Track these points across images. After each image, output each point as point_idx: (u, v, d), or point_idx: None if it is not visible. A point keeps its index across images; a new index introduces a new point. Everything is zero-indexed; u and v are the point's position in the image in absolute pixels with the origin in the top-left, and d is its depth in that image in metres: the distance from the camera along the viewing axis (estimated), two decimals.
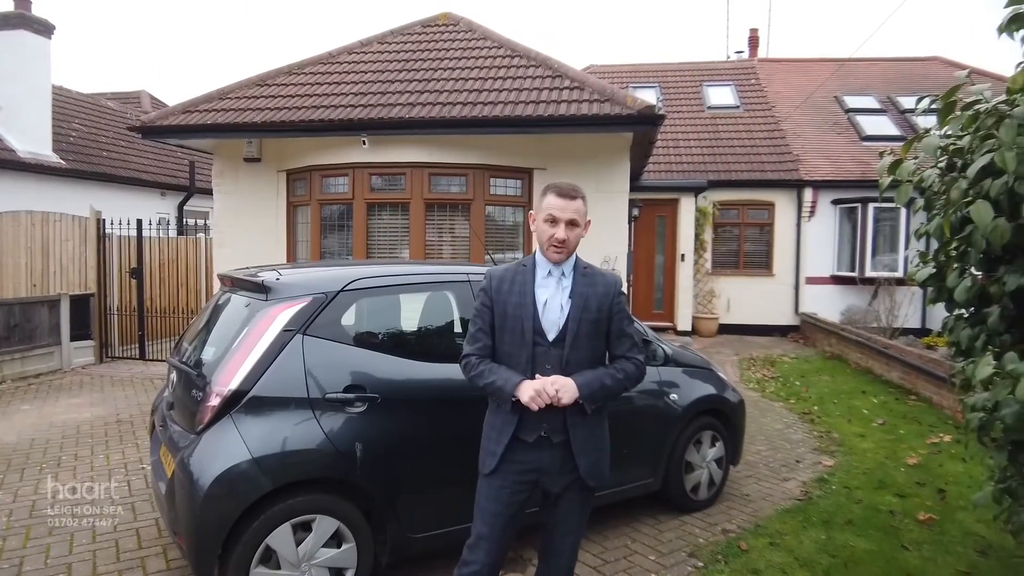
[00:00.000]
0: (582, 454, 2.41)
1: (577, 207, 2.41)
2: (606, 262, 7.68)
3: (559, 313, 2.41)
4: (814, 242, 12.89)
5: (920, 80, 15.31)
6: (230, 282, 3.52)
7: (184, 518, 2.77)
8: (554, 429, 2.39)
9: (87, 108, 13.73)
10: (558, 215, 2.39)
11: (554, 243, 2.38)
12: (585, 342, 2.40)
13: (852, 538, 3.94)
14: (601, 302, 2.43)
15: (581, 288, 2.43)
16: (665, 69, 17.03)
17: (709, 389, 4.44)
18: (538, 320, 2.40)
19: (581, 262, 2.52)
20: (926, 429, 6.29)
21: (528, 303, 2.41)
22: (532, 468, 2.42)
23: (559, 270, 2.45)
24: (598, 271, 2.53)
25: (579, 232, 2.44)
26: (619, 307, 2.48)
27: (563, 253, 2.41)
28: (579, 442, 2.41)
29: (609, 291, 2.46)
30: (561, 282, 2.45)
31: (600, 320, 2.43)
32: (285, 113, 7.52)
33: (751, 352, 10.98)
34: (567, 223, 2.38)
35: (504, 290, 2.46)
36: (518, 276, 2.48)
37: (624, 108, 6.96)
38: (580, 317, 2.40)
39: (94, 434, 5.89)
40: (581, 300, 2.41)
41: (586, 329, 2.40)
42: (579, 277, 2.46)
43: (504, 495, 2.42)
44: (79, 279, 9.26)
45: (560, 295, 2.43)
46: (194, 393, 2.99)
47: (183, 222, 13.78)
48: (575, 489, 2.46)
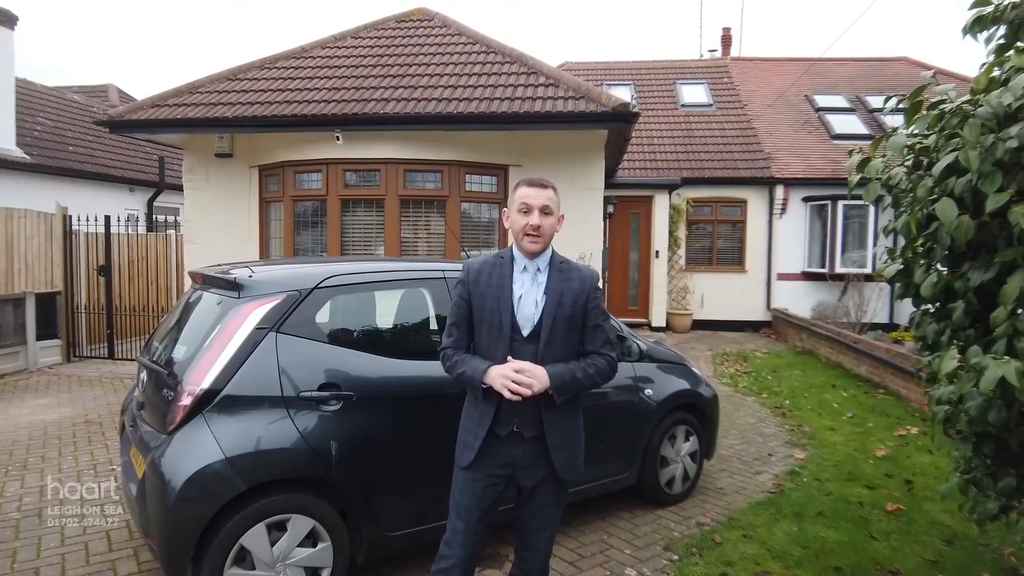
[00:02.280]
0: (557, 449, 2.41)
1: (549, 195, 2.43)
2: (581, 258, 7.71)
3: (533, 309, 2.41)
4: (785, 239, 13.08)
5: (888, 80, 15.60)
6: (201, 279, 3.47)
7: (156, 520, 2.73)
8: (526, 424, 2.40)
9: (52, 102, 13.39)
10: (531, 202, 2.40)
11: (529, 231, 2.38)
12: (560, 338, 2.40)
13: (823, 529, 4.01)
14: (576, 298, 2.42)
15: (556, 284, 2.42)
16: (639, 67, 17.13)
17: (683, 384, 4.48)
18: (515, 315, 2.40)
19: (557, 257, 2.51)
20: (894, 422, 6.43)
21: (506, 297, 2.40)
22: (506, 463, 2.42)
23: (534, 265, 2.45)
24: (574, 266, 2.52)
25: (553, 221, 2.44)
26: (594, 303, 2.46)
27: (538, 242, 2.40)
28: (554, 437, 2.41)
29: (585, 286, 2.45)
30: (536, 277, 2.44)
31: (575, 316, 2.42)
32: (257, 108, 7.41)
33: (724, 347, 11.12)
34: (540, 210, 2.39)
35: (482, 283, 2.45)
36: (496, 269, 2.47)
37: (599, 105, 6.98)
38: (555, 313, 2.39)
39: (62, 435, 5.76)
40: (556, 296, 2.40)
41: (561, 325, 2.39)
42: (555, 272, 2.45)
43: (478, 488, 2.43)
44: (45, 277, 9.04)
45: (535, 290, 2.42)
46: (165, 392, 2.94)
47: (153, 219, 13.52)
48: (549, 483, 2.47)
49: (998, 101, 2.12)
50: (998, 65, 2.33)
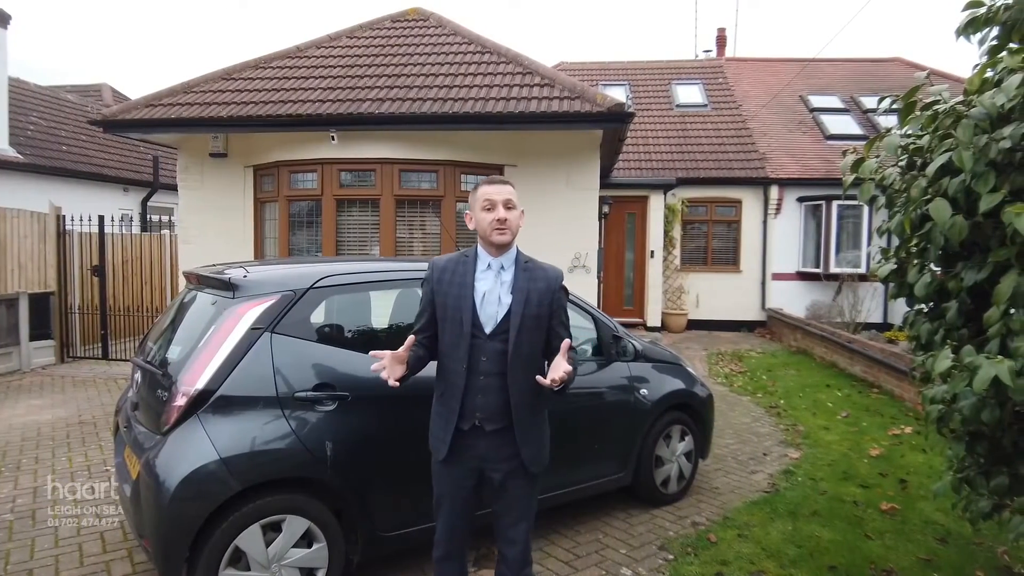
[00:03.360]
0: (525, 443, 2.46)
1: (510, 190, 2.48)
2: (577, 258, 7.72)
3: (496, 307, 2.44)
4: (780, 239, 13.11)
5: (882, 81, 15.65)
6: (196, 280, 3.46)
7: (150, 520, 2.72)
8: (487, 418, 2.44)
9: (46, 101, 13.33)
10: (494, 198, 2.44)
11: (496, 225, 2.43)
12: (526, 336, 2.43)
13: (818, 528, 4.03)
14: (542, 297, 2.46)
15: (523, 283, 2.46)
16: (634, 67, 17.15)
17: (679, 384, 4.49)
18: (476, 313, 2.43)
19: (522, 256, 2.55)
20: (888, 421, 6.46)
21: (467, 295, 2.44)
22: (474, 455, 2.48)
23: (498, 263, 2.49)
24: (539, 265, 2.56)
25: (517, 215, 2.49)
26: (559, 302, 2.51)
27: (506, 234, 2.44)
28: (522, 431, 2.45)
29: (550, 286, 2.49)
30: (500, 275, 2.48)
31: (541, 315, 2.46)
32: (252, 107, 7.39)
33: (719, 347, 11.14)
34: (504, 204, 2.44)
35: (445, 280, 2.50)
36: (459, 267, 2.51)
37: (594, 105, 6.99)
38: (523, 312, 2.42)
39: (56, 436, 5.73)
40: (522, 296, 2.44)
41: (528, 324, 2.43)
42: (520, 272, 2.49)
43: (453, 479, 2.51)
44: (38, 277, 9.00)
45: (499, 288, 2.46)
46: (159, 393, 2.94)
47: (147, 218, 13.47)
48: (518, 476, 2.49)
49: (991, 102, 2.12)
50: (991, 66, 2.34)
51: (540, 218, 7.69)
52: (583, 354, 4.16)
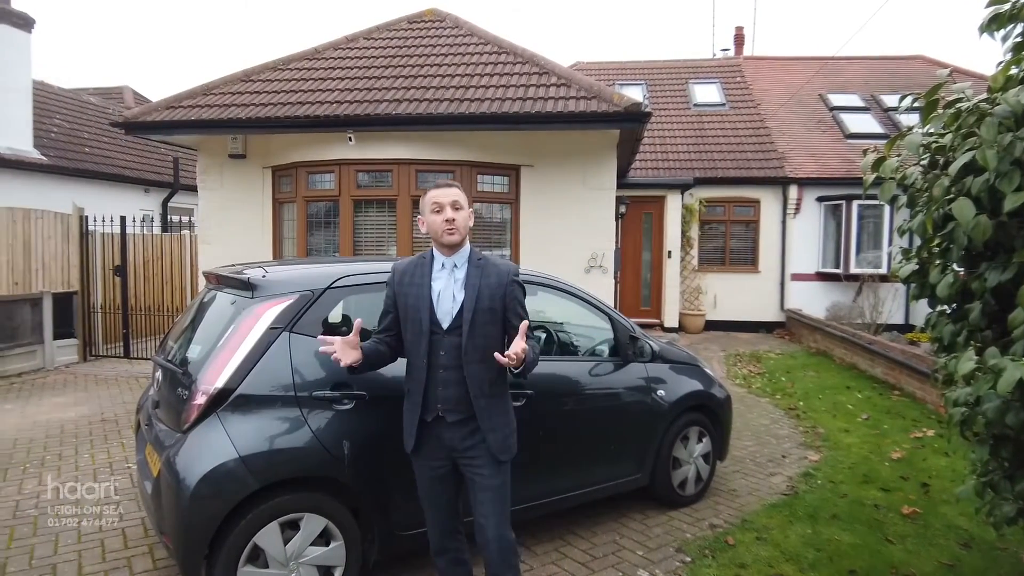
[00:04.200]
0: (490, 431, 2.57)
1: (456, 192, 2.62)
2: (593, 258, 7.70)
3: (451, 303, 2.58)
4: (799, 239, 12.99)
5: (903, 78, 15.46)
6: (216, 279, 3.50)
7: (170, 517, 2.75)
8: (448, 409, 2.57)
9: (69, 103, 13.54)
10: (442, 200, 2.58)
11: (446, 226, 2.57)
12: (480, 330, 2.54)
13: (837, 532, 3.98)
14: (494, 292, 2.57)
15: (474, 279, 2.59)
16: (651, 66, 17.08)
17: (696, 385, 4.46)
18: (433, 311, 2.57)
19: (476, 253, 2.69)
20: (910, 424, 6.37)
21: (424, 295, 2.59)
22: (439, 444, 2.62)
23: (451, 261, 2.63)
24: (492, 262, 2.67)
25: (465, 215, 2.62)
26: (512, 296, 2.60)
27: (455, 233, 2.57)
28: (484, 420, 2.57)
29: (502, 281, 2.60)
30: (454, 273, 2.62)
31: (494, 309, 2.57)
32: (270, 109, 7.46)
33: (737, 348, 11.06)
34: (451, 205, 2.57)
35: (405, 282, 2.66)
36: (417, 269, 2.67)
37: (611, 105, 6.97)
38: (474, 307, 2.55)
39: (78, 433, 5.83)
40: (474, 291, 2.56)
41: (481, 318, 2.54)
42: (472, 269, 2.62)
43: (425, 472, 2.68)
44: (62, 277, 9.15)
45: (452, 286, 2.60)
46: (180, 391, 2.97)
47: (167, 219, 13.63)
48: (483, 465, 2.58)
49: (1016, 99, 2.09)
50: (1015, 63, 2.30)
51: (556, 218, 7.70)
52: (600, 355, 4.16)
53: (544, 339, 4.19)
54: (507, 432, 2.64)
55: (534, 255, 7.54)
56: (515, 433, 2.69)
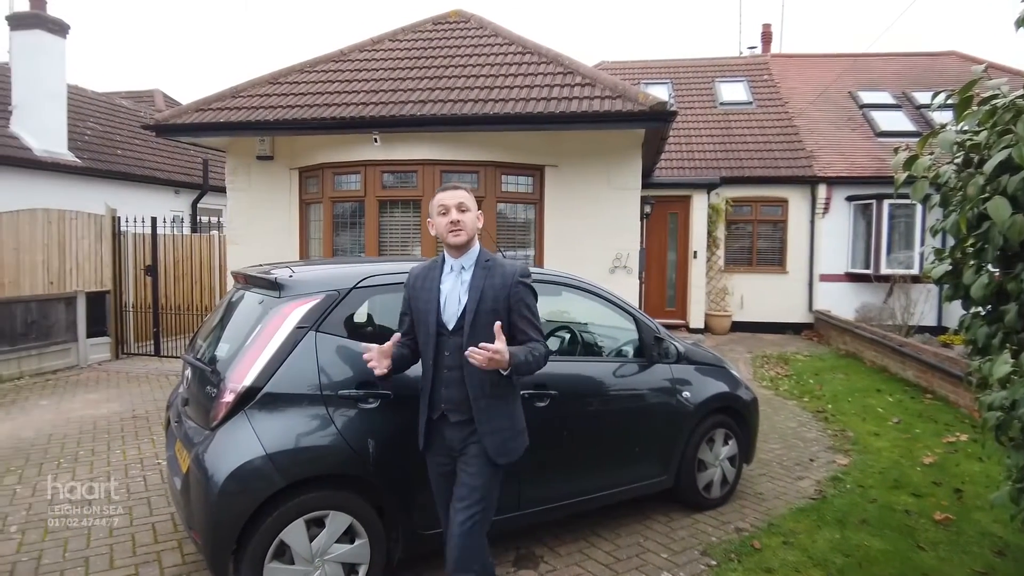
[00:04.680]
0: (487, 434, 2.57)
1: (463, 194, 2.64)
2: (618, 259, 7.66)
3: (457, 305, 2.60)
4: (828, 239, 12.80)
5: (936, 75, 15.15)
6: (243, 279, 3.54)
7: (199, 513, 2.80)
8: (452, 409, 2.61)
9: (102, 107, 13.85)
10: (447, 203, 2.61)
11: (451, 227, 2.58)
12: (482, 331, 2.51)
13: (867, 537, 3.91)
14: (497, 293, 2.57)
15: (478, 281, 2.60)
16: (677, 65, 16.95)
17: (722, 387, 4.42)
18: (440, 313, 2.61)
19: (484, 255, 2.69)
20: (942, 428, 6.24)
21: (433, 298, 2.63)
22: (443, 443, 2.67)
23: (459, 264, 2.65)
24: (499, 263, 2.67)
25: (472, 216, 2.63)
26: (516, 297, 2.59)
27: (461, 234, 2.59)
28: (483, 423, 2.57)
29: (506, 282, 2.59)
30: (461, 275, 2.64)
31: (497, 310, 2.56)
32: (297, 111, 7.55)
33: (764, 350, 10.93)
34: (456, 207, 2.59)
35: (418, 286, 2.71)
36: (430, 273, 2.71)
37: (636, 104, 6.93)
38: (476, 309, 2.55)
39: (110, 429, 5.95)
40: (477, 293, 2.57)
41: (483, 320, 2.53)
42: (479, 270, 2.63)
43: (435, 467, 2.74)
44: (95, 276, 9.36)
45: (459, 288, 2.62)
46: (208, 389, 3.02)
47: (197, 220, 13.88)
48: (472, 463, 2.58)
49: None
50: None
51: (581, 218, 7.68)
52: (624, 355, 4.14)
53: (568, 339, 4.19)
54: (507, 436, 2.62)
55: (558, 255, 7.53)
56: (520, 437, 2.68)
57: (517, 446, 2.65)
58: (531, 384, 3.43)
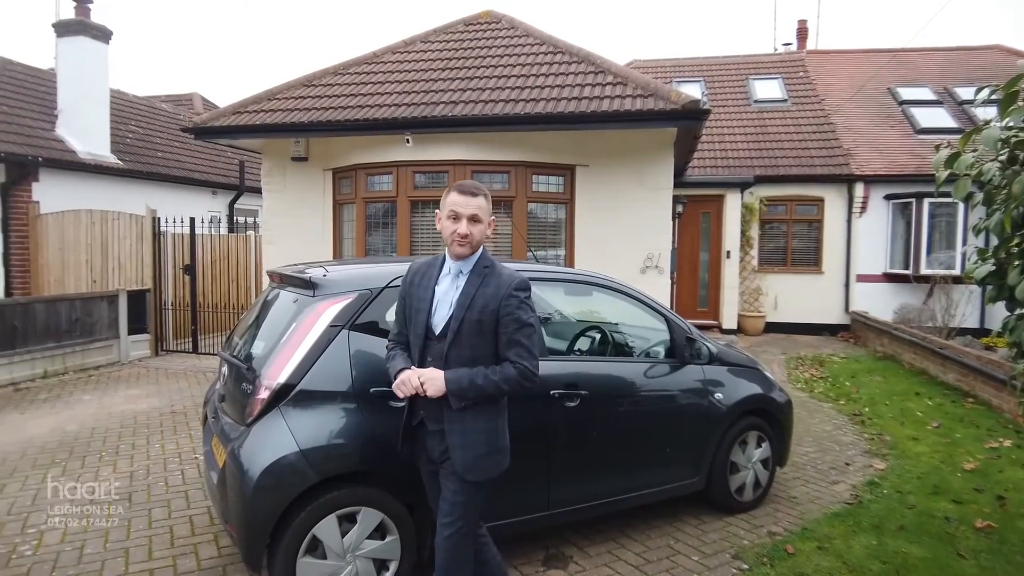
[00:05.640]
0: (456, 448, 2.46)
1: (479, 203, 2.50)
2: (649, 259, 7.61)
3: (447, 310, 2.49)
4: (865, 238, 12.53)
5: (979, 70, 14.73)
6: (278, 278, 3.61)
7: (235, 507, 2.85)
8: (430, 417, 2.54)
9: (142, 110, 14.21)
10: (460, 211, 2.47)
11: (456, 238, 2.47)
12: (467, 341, 2.43)
13: (905, 544, 3.83)
14: (488, 302, 2.44)
15: (471, 288, 2.48)
16: (710, 63, 16.76)
17: (755, 388, 4.36)
18: (430, 316, 2.51)
19: (484, 261, 2.56)
20: (984, 433, 6.06)
21: (426, 298, 2.53)
22: (422, 449, 2.63)
23: (458, 267, 2.53)
24: (496, 272, 2.53)
25: (482, 228, 2.51)
26: (507, 309, 2.43)
27: (466, 247, 2.49)
28: (454, 436, 2.46)
29: (499, 292, 2.46)
30: (456, 280, 2.53)
31: (484, 320, 2.43)
32: (331, 113, 7.65)
33: (799, 351, 10.74)
34: (469, 218, 2.47)
35: (415, 283, 2.61)
36: (428, 271, 2.61)
37: (668, 103, 6.87)
38: (463, 316, 2.44)
39: (150, 424, 6.11)
40: (466, 300, 2.46)
41: (468, 328, 2.43)
42: (474, 277, 2.51)
43: (422, 467, 2.70)
44: (136, 275, 9.61)
45: (452, 293, 2.51)
46: (244, 386, 3.08)
47: (233, 220, 14.16)
48: (448, 478, 2.51)
49: None
50: None
51: (611, 219, 7.64)
52: (656, 356, 4.11)
53: (599, 340, 4.17)
54: (481, 452, 2.45)
55: (589, 255, 7.51)
56: (498, 456, 2.51)
57: (491, 465, 2.49)
58: (562, 384, 3.44)
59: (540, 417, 3.39)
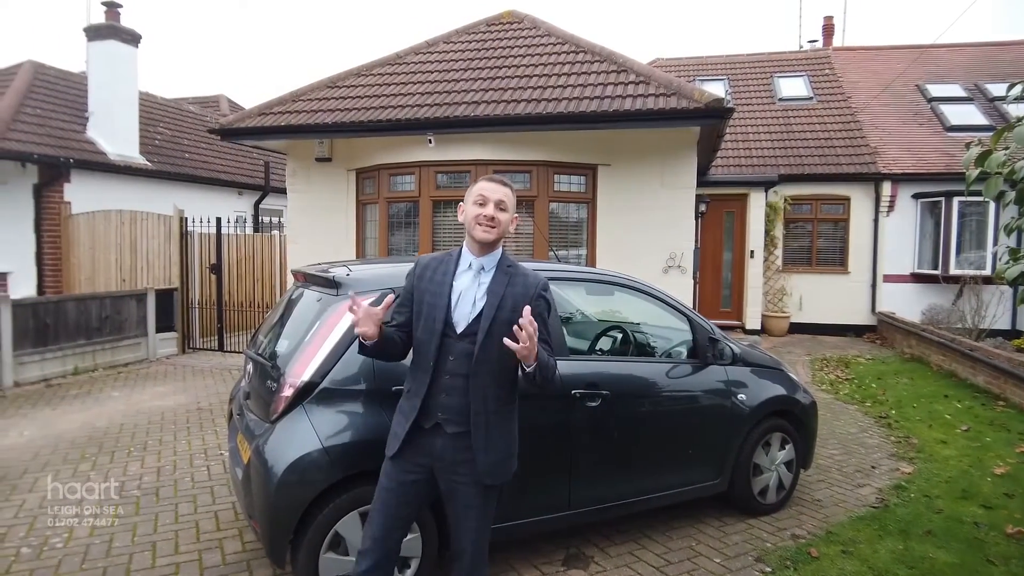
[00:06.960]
0: (481, 451, 2.36)
1: (507, 192, 2.44)
2: (672, 258, 7.56)
3: (471, 308, 2.38)
4: (893, 238, 12.32)
5: (1010, 66, 14.41)
6: (303, 277, 3.65)
7: (259, 503, 2.90)
8: (449, 420, 2.37)
9: (170, 112, 14.45)
10: (488, 195, 2.40)
11: (482, 220, 2.38)
12: (495, 341, 2.30)
13: (932, 549, 3.76)
14: (517, 302, 2.34)
15: (497, 286, 2.40)
16: (734, 61, 16.60)
17: (779, 390, 4.31)
18: (450, 312, 2.38)
19: (507, 259, 2.49)
20: (1016, 437, 5.93)
21: (444, 293, 2.40)
22: (426, 452, 2.40)
23: (479, 263, 2.43)
24: (522, 271, 2.47)
25: (508, 217, 2.43)
26: (537, 310, 2.33)
27: (491, 232, 2.39)
28: (479, 439, 2.36)
29: (528, 292, 2.40)
30: (479, 276, 2.43)
31: (515, 321, 2.25)
32: (354, 114, 7.71)
33: (824, 352, 10.60)
34: (496, 203, 2.39)
35: (426, 277, 2.47)
36: (441, 265, 2.48)
37: (691, 102, 6.82)
38: (493, 316, 2.35)
39: (177, 420, 6.21)
40: (496, 299, 2.37)
41: (499, 329, 2.31)
42: (499, 275, 2.43)
43: (399, 473, 2.42)
44: (164, 274, 9.78)
45: (476, 289, 2.41)
46: (269, 384, 3.12)
47: (259, 220, 14.35)
48: (468, 484, 2.38)
49: None
50: None
51: (634, 218, 7.61)
52: (678, 356, 4.09)
53: (621, 339, 4.16)
54: (503, 457, 2.41)
55: (611, 255, 7.48)
56: (512, 460, 2.47)
57: (507, 470, 2.45)
58: (583, 384, 3.44)
59: (561, 417, 3.39)
